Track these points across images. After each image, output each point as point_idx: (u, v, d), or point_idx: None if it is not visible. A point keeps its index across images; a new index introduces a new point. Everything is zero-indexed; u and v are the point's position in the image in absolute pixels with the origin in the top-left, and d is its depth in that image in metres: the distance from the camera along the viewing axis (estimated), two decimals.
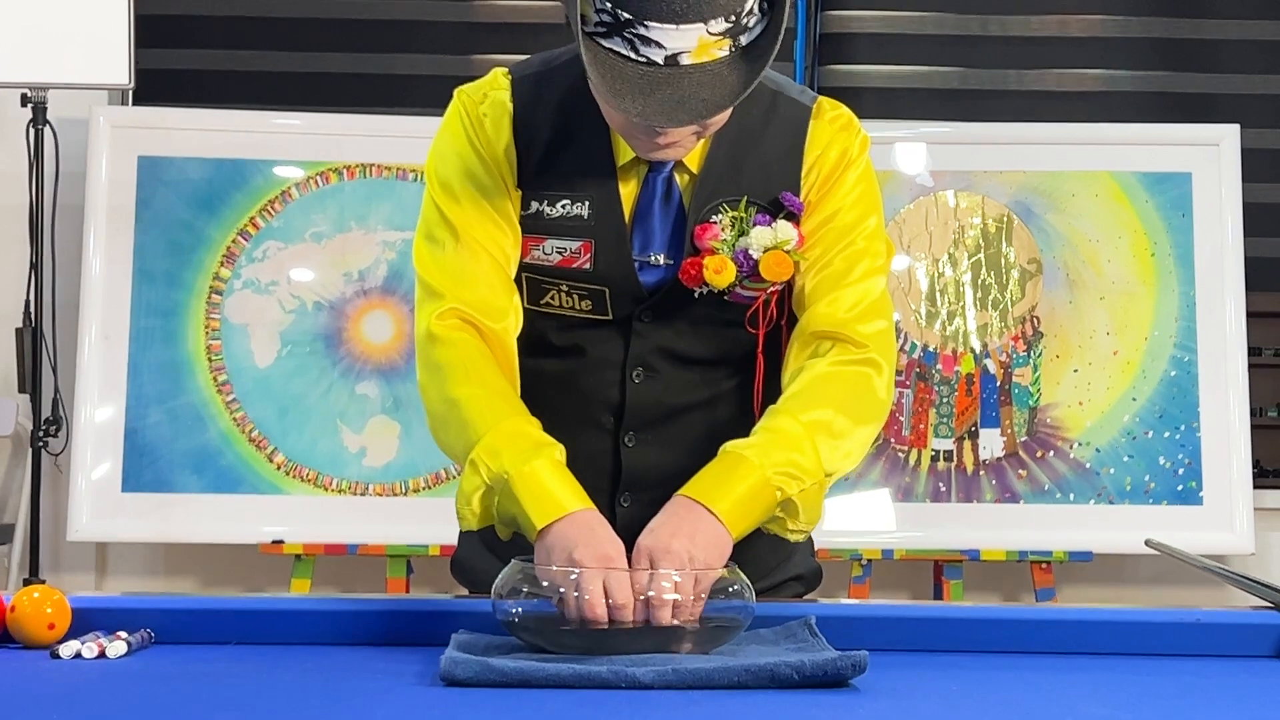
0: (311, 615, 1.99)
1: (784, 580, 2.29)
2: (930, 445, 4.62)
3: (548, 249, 2.14)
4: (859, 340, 2.10)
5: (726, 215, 2.11)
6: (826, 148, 2.14)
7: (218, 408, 4.55)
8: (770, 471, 1.97)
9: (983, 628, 2.00)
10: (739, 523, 1.94)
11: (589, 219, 2.12)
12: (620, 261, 2.12)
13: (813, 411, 2.04)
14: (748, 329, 2.15)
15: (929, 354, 4.65)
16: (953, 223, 4.69)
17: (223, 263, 4.59)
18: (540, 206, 2.13)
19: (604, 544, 1.88)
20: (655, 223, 2.13)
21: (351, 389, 4.59)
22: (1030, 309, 4.68)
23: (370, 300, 4.62)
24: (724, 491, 1.94)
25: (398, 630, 1.97)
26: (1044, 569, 4.56)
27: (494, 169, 2.12)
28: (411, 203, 4.59)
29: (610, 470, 2.19)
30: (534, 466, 1.97)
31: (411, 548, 4.47)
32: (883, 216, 2.20)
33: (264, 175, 4.63)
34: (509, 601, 1.83)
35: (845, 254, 2.13)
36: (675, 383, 2.18)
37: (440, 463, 4.55)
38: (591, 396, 2.19)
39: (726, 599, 1.84)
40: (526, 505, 1.96)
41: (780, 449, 1.99)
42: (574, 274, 2.13)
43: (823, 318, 2.11)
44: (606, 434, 2.19)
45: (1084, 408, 4.64)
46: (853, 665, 1.65)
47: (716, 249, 2.10)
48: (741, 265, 2.10)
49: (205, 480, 4.52)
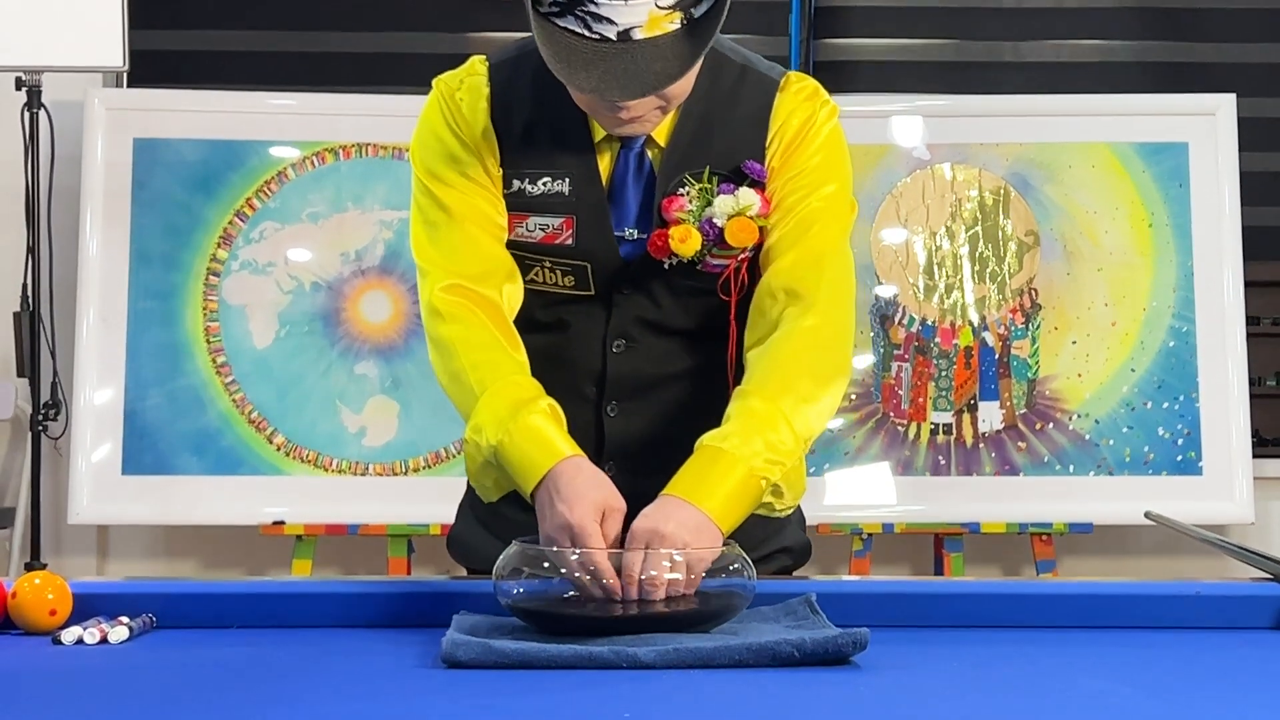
0: (313, 598, 1.99)
1: (772, 552, 2.30)
2: (929, 419, 4.62)
3: (530, 226, 2.18)
4: (813, 297, 2.13)
5: (693, 187, 2.15)
6: (790, 116, 2.18)
7: (217, 389, 4.55)
8: (754, 461, 1.99)
9: (984, 603, 2.00)
10: (728, 517, 1.96)
11: (570, 195, 2.16)
12: (602, 235, 2.17)
13: (779, 383, 2.07)
14: (721, 296, 2.18)
15: (927, 327, 4.65)
16: (949, 196, 4.69)
17: (220, 244, 4.59)
18: (522, 185, 2.17)
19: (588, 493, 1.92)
20: (629, 197, 2.17)
21: (350, 369, 4.59)
22: (1028, 281, 4.67)
23: (368, 280, 4.62)
24: (710, 489, 1.95)
25: (399, 612, 1.97)
26: (1044, 541, 4.57)
27: (474, 150, 2.17)
28: (408, 181, 4.54)
29: (594, 439, 2.22)
30: (511, 433, 2.02)
31: (412, 527, 4.47)
32: (848, 183, 2.22)
33: (260, 156, 4.62)
34: (510, 582, 1.84)
35: (803, 214, 2.16)
36: (654, 352, 2.22)
37: (440, 441, 4.55)
38: (575, 368, 2.23)
39: (727, 577, 1.84)
40: (514, 475, 2.03)
41: (758, 434, 2.01)
42: (557, 250, 2.17)
43: (779, 274, 2.15)
44: (590, 404, 2.23)
45: (1083, 379, 4.64)
46: (854, 642, 1.65)
47: (682, 219, 2.14)
48: (707, 234, 2.14)
49: (205, 462, 4.52)
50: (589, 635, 1.74)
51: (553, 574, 1.84)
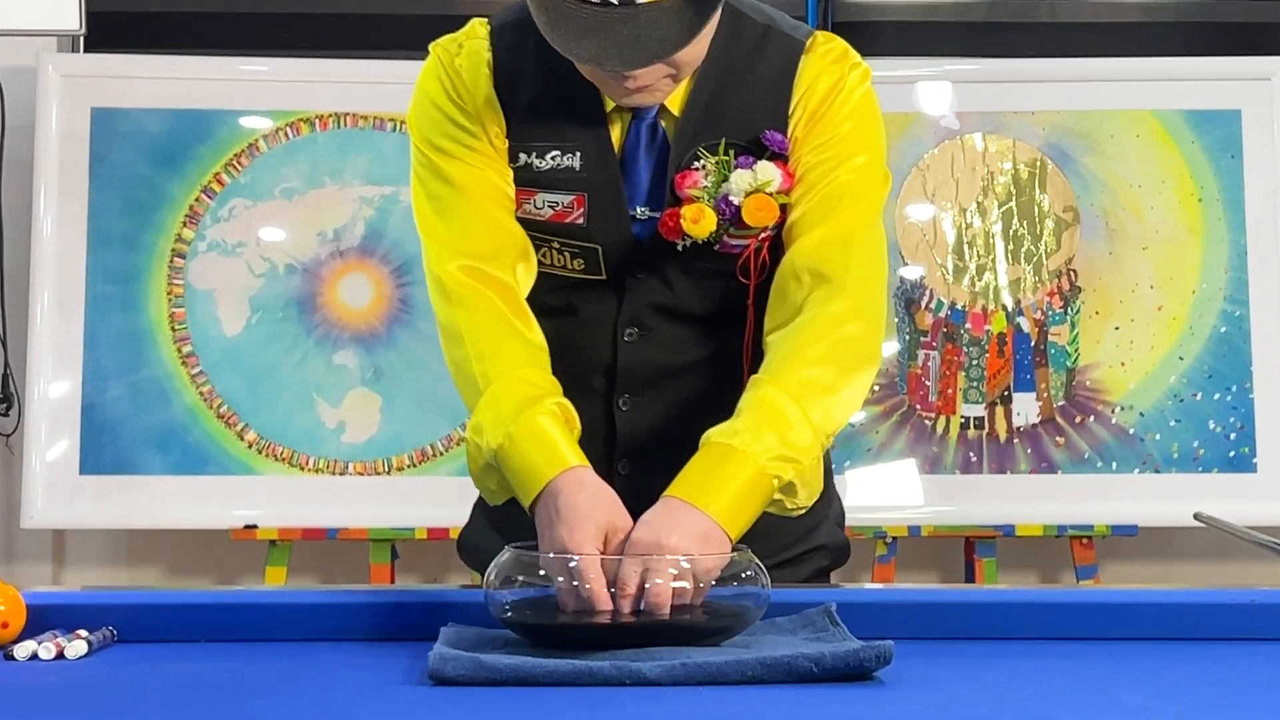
0: (288, 609, 2.00)
1: (806, 551, 2.30)
2: (959, 412, 4.62)
3: (539, 203, 2.17)
4: (839, 279, 2.11)
5: (709, 160, 2.13)
6: (815, 80, 2.16)
7: (182, 381, 4.55)
8: (764, 459, 1.97)
9: (1019, 612, 2.01)
10: (736, 520, 1.94)
11: (580, 170, 2.15)
12: (615, 215, 2.15)
13: (797, 373, 2.05)
14: (740, 279, 2.17)
15: (957, 312, 4.65)
16: (981, 168, 4.69)
17: (185, 223, 4.59)
18: (529, 158, 2.17)
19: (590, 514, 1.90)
20: (641, 172, 2.17)
21: (328, 359, 4.59)
22: (1066, 261, 4.67)
23: (347, 262, 4.62)
24: (717, 489, 1.94)
25: (381, 624, 1.98)
26: (1085, 544, 4.57)
27: (478, 119, 2.15)
28: (391, 154, 4.59)
29: (605, 436, 2.22)
30: (512, 436, 2.01)
31: (396, 531, 4.48)
32: (881, 154, 2.21)
33: (229, 127, 4.62)
34: (503, 591, 1.84)
35: (828, 189, 2.15)
36: (669, 340, 2.22)
37: (426, 437, 4.55)
38: (583, 358, 2.23)
39: (739, 585, 1.84)
40: (513, 484, 2.02)
41: (770, 429, 1.99)
42: (567, 230, 2.17)
43: (803, 254, 2.13)
44: (599, 398, 2.23)
45: (1126, 368, 4.64)
46: (877, 656, 1.65)
47: (696, 197, 2.13)
48: (723, 212, 2.13)
49: (170, 460, 4.52)
50: (589, 649, 1.74)
51: (549, 582, 1.84)
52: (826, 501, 2.40)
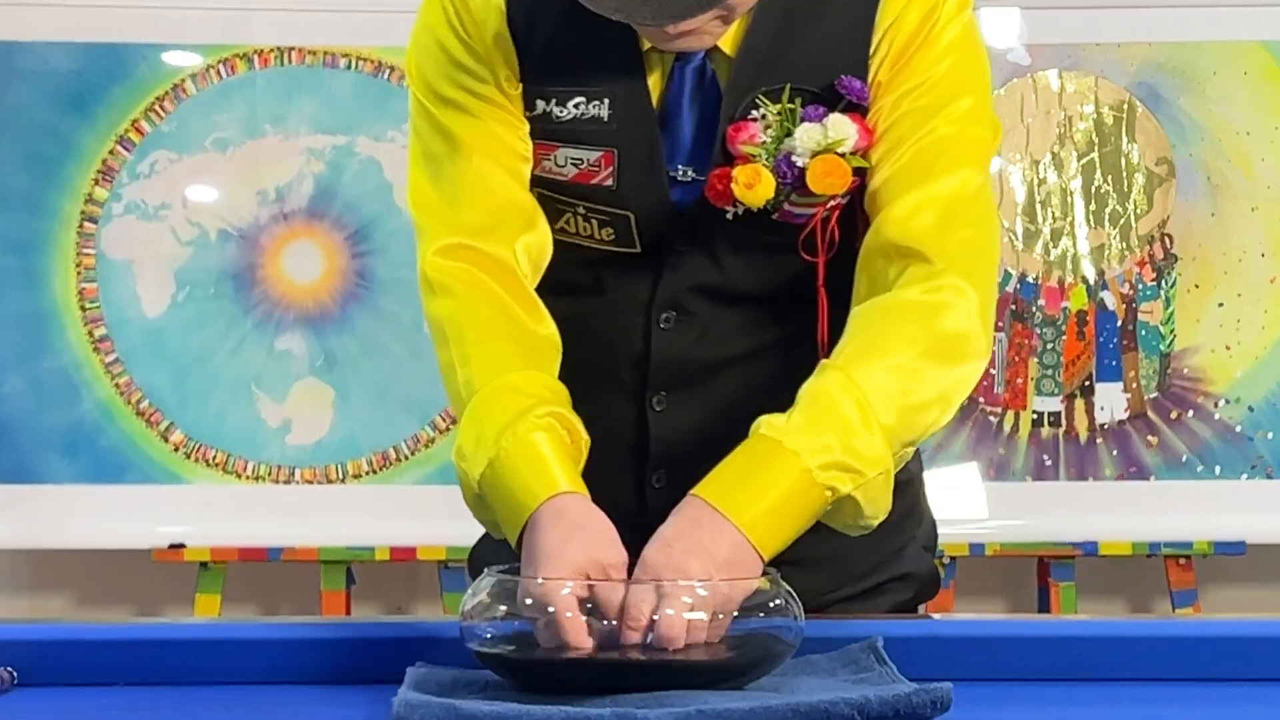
0: (223, 646, 2.01)
1: (886, 581, 2.29)
2: (1031, 406, 4.63)
3: (560, 159, 2.17)
4: (937, 255, 2.08)
5: (769, 110, 2.11)
6: (904, 12, 2.13)
7: (94, 371, 4.55)
8: (815, 464, 1.92)
9: (1102, 648, 2.01)
10: (772, 537, 1.91)
11: (609, 121, 2.14)
12: (651, 176, 2.14)
13: (874, 364, 2.01)
14: (803, 256, 2.15)
15: (1028, 286, 4.65)
16: (1057, 113, 4.69)
17: (98, 180, 4.59)
18: (548, 106, 2.16)
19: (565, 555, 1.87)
20: (685, 123, 2.15)
21: (270, 344, 4.59)
22: (1160, 224, 4.68)
23: (292, 227, 4.62)
24: (752, 495, 1.91)
25: (338, 664, 1.98)
26: (1182, 565, 4.58)
27: (485, 61, 2.15)
28: (344, 97, 4.59)
29: (636, 442, 2.22)
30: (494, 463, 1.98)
31: (352, 551, 4.48)
32: (987, 98, 2.18)
33: (150, 64, 4.62)
34: (482, 624, 1.84)
35: (924, 143, 2.12)
36: (715, 328, 2.20)
37: (388, 438, 4.56)
38: (610, 347, 2.22)
39: (766, 616, 1.84)
40: (500, 522, 2.00)
41: (831, 429, 1.94)
42: (593, 193, 2.16)
43: (890, 227, 2.10)
44: (629, 395, 2.22)
45: (1232, 353, 4.65)
46: (933, 702, 1.66)
47: (752, 155, 2.10)
48: (784, 175, 2.10)
49: (80, 467, 4.52)
50: (586, 693, 1.74)
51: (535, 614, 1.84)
52: (915, 520, 2.40)
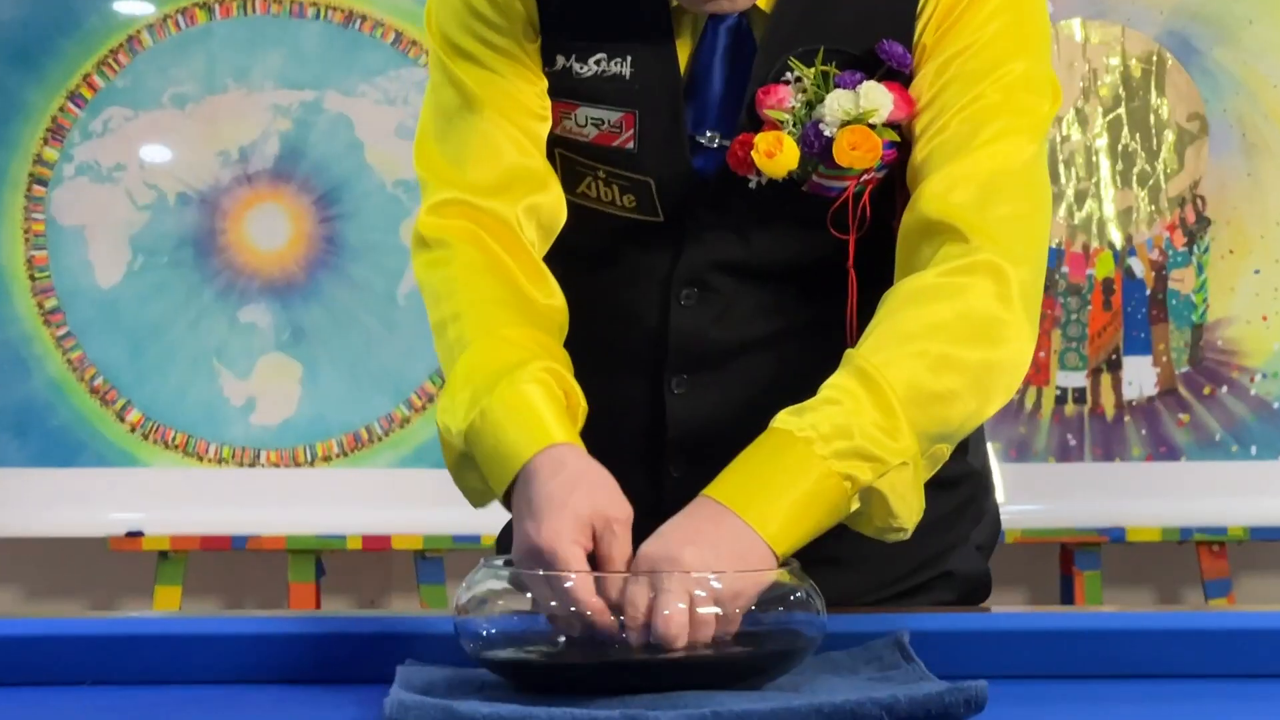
0: (185, 642, 1.99)
1: (929, 580, 2.30)
2: (1054, 381, 4.63)
3: (581, 119, 2.18)
4: (978, 233, 2.05)
5: (803, 74, 2.11)
6: None
7: (44, 346, 4.55)
8: (830, 452, 1.91)
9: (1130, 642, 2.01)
10: (787, 537, 1.90)
11: (631, 80, 2.15)
12: (672, 141, 2.16)
13: (894, 352, 2.00)
14: (832, 232, 2.15)
15: (1050, 252, 4.65)
16: (1080, 65, 4.69)
17: (47, 140, 4.59)
18: (568, 62, 2.17)
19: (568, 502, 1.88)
20: (714, 85, 2.16)
21: (233, 316, 4.59)
22: (1192, 185, 4.68)
23: (257, 189, 4.62)
24: (766, 495, 1.90)
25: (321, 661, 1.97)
26: (1215, 552, 4.58)
27: (504, 9, 2.17)
28: (313, 48, 4.58)
29: (652, 427, 2.23)
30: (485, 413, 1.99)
31: (322, 539, 4.48)
32: (1045, 59, 2.16)
33: (101, 15, 4.61)
34: (478, 619, 1.84)
35: (968, 111, 2.10)
36: (738, 307, 2.20)
37: (360, 418, 4.55)
38: (625, 323, 2.23)
39: (785, 610, 1.85)
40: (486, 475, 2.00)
41: (846, 417, 1.93)
42: (614, 156, 2.17)
43: (926, 203, 2.08)
44: (646, 376, 2.23)
45: (1269, 324, 4.65)
46: (966, 701, 1.66)
47: (778, 121, 2.10)
48: (810, 144, 2.09)
49: (29, 449, 4.52)
50: (591, 693, 1.75)
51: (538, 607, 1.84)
52: (970, 520, 2.39)
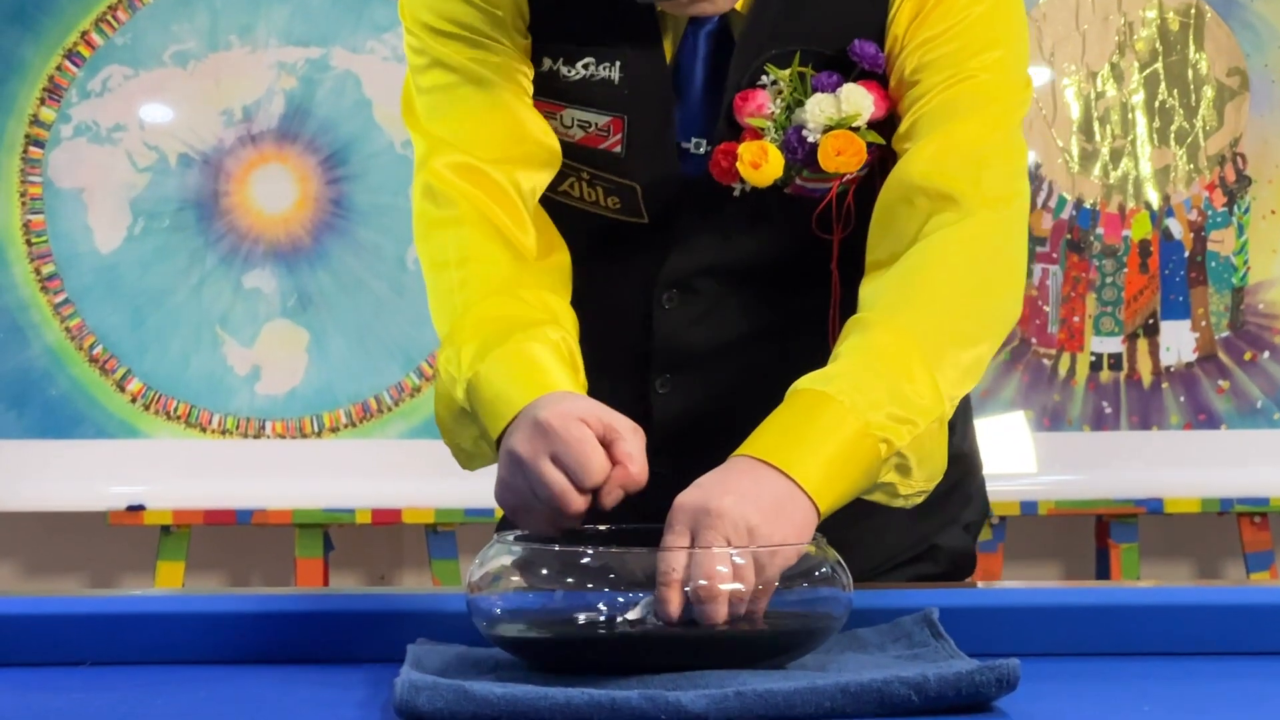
0: (193, 620, 2.00)
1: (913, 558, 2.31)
2: (1088, 347, 4.63)
3: (567, 120, 2.21)
4: (967, 198, 2.10)
5: (781, 76, 2.14)
6: None
7: (42, 313, 4.55)
8: (871, 415, 1.93)
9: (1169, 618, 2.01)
10: (829, 491, 1.91)
11: (620, 85, 2.17)
12: (660, 148, 2.18)
13: (921, 311, 2.04)
14: (817, 234, 2.18)
15: (1085, 212, 4.65)
16: (1116, 18, 4.68)
17: (44, 99, 4.59)
18: (555, 65, 2.19)
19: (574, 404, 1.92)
20: (696, 90, 2.19)
21: (237, 281, 4.59)
22: (1232, 143, 4.67)
23: (261, 150, 4.62)
24: (807, 448, 1.91)
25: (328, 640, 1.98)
26: (1257, 524, 4.58)
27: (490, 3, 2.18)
28: (317, 4, 4.57)
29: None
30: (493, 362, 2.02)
31: (329, 513, 4.49)
32: (1022, 53, 2.21)
33: None
34: (490, 596, 1.84)
35: (953, 92, 2.14)
36: (721, 308, 2.24)
37: (369, 388, 4.56)
38: (608, 324, 2.25)
39: (811, 585, 1.84)
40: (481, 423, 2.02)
41: (880, 378, 1.97)
42: (599, 158, 2.19)
43: (916, 168, 2.12)
44: (630, 376, 2.26)
45: None
46: (998, 680, 1.66)
47: (759, 128, 2.13)
48: (794, 151, 2.13)
49: (27, 421, 4.53)
50: (608, 673, 1.75)
51: (554, 584, 1.83)
52: (959, 502, 2.43)
